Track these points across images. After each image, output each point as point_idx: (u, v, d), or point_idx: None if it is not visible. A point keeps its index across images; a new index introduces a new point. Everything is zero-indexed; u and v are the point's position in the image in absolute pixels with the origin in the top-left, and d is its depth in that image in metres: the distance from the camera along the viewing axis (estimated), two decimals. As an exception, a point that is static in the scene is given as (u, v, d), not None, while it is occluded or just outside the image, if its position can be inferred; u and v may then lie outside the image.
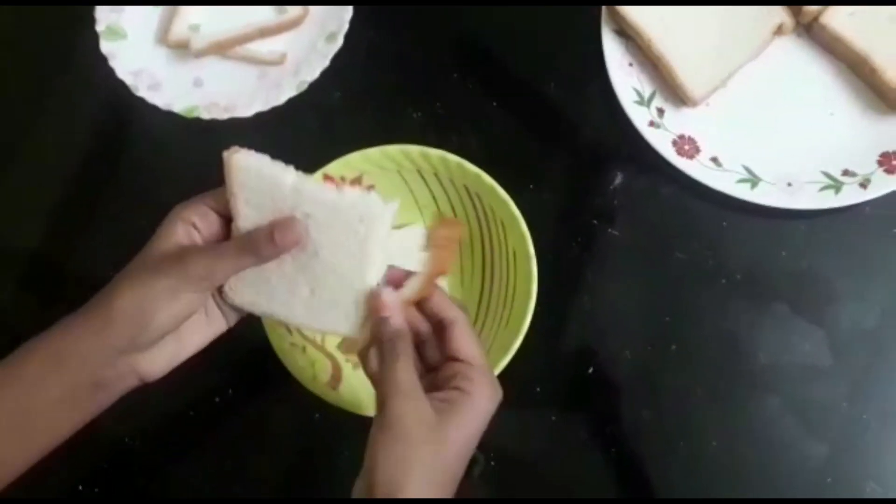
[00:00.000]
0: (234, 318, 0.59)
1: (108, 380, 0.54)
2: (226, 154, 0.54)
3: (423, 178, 0.73)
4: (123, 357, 0.53)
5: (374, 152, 0.71)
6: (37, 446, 0.54)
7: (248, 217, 0.55)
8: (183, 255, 0.53)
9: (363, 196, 0.54)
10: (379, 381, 0.53)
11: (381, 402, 0.52)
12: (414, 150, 0.70)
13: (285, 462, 0.76)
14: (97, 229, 0.83)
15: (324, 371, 0.69)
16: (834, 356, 0.75)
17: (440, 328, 0.56)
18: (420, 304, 0.57)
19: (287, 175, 0.54)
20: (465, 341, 0.55)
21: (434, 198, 0.75)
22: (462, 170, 0.70)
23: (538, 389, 0.75)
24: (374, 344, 0.54)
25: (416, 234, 0.57)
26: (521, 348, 0.66)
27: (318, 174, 0.71)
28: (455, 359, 0.54)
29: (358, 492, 0.51)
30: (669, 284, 0.78)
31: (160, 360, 0.56)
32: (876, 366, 0.75)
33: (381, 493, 0.49)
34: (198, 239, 0.55)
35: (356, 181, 0.72)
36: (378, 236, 0.54)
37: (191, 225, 0.55)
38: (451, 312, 0.56)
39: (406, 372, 0.52)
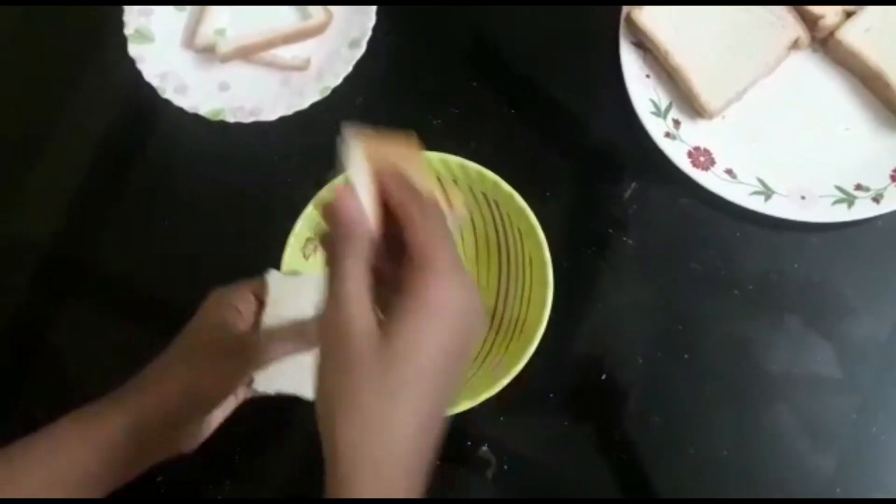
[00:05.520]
0: (241, 396, 0.63)
1: (152, 451, 0.59)
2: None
3: (441, 184, 0.75)
4: (167, 431, 0.58)
5: (394, 158, 0.72)
6: None
7: (270, 315, 0.61)
8: (242, 343, 0.59)
9: None
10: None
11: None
12: (434, 157, 0.71)
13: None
14: (119, 226, 0.85)
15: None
16: (844, 369, 0.76)
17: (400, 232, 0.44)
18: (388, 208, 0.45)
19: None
20: (418, 237, 0.43)
21: (452, 204, 0.76)
22: (481, 177, 0.71)
23: (552, 395, 0.76)
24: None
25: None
26: (534, 354, 0.67)
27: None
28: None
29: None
30: (683, 293, 0.78)
31: (195, 435, 0.61)
32: (886, 379, 0.76)
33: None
34: (241, 323, 0.60)
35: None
36: None
37: (235, 310, 0.60)
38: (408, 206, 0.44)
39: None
